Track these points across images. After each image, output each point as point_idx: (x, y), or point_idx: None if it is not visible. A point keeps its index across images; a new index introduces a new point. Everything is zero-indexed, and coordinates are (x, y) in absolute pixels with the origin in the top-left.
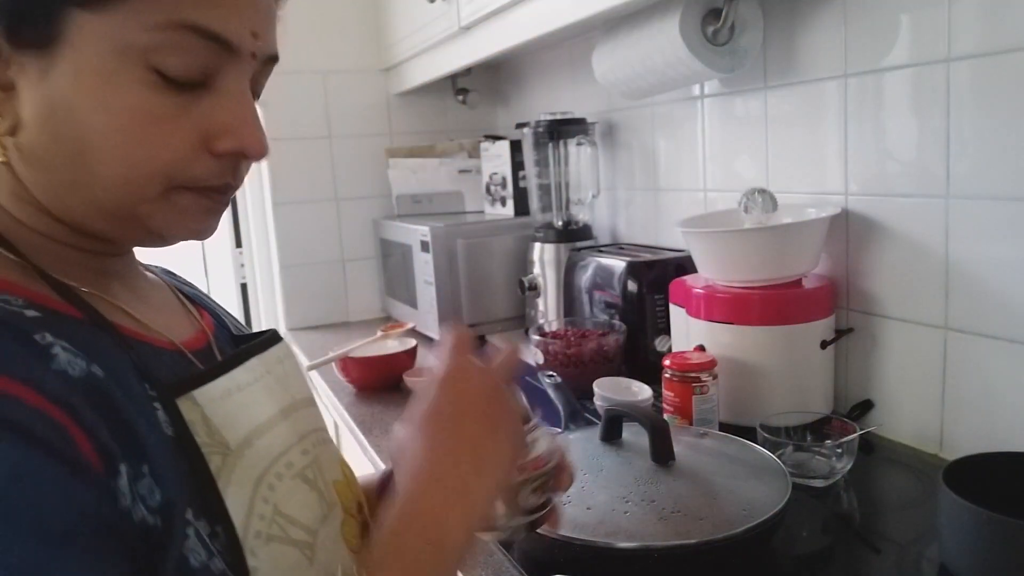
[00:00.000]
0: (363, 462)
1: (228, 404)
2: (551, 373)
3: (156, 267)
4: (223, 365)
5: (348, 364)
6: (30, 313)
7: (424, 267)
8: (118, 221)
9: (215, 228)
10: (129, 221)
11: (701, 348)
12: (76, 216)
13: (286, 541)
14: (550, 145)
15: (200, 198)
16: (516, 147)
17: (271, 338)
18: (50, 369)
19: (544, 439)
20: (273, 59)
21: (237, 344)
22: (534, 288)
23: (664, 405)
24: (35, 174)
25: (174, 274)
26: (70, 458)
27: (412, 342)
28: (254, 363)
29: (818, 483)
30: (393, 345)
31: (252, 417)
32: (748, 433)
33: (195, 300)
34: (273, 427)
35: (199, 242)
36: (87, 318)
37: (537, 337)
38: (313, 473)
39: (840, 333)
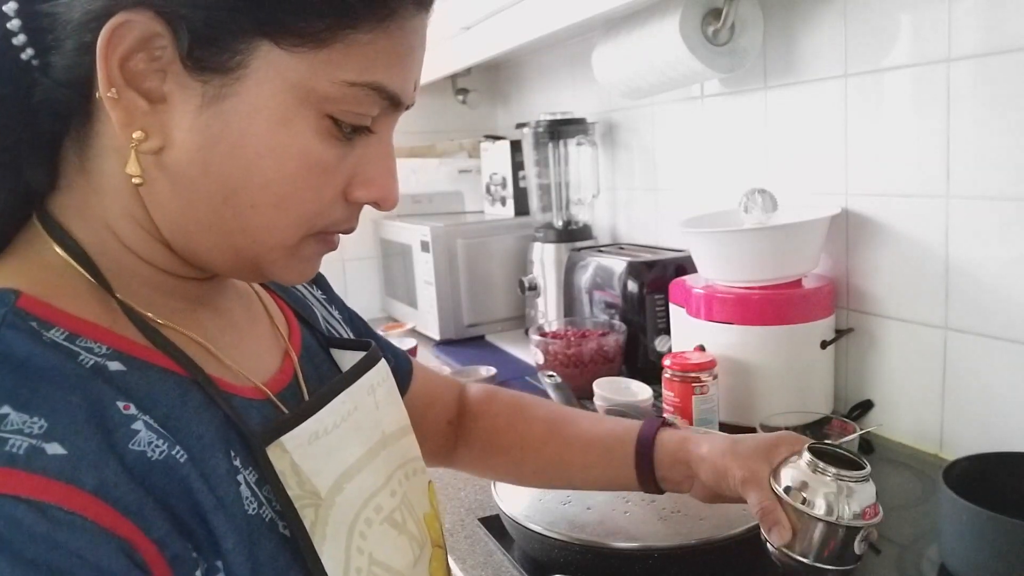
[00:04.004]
0: None
1: (316, 448)
2: (551, 373)
3: None
4: (310, 407)
5: None
6: (114, 366)
7: (424, 267)
8: (239, 263)
9: (319, 268)
10: (250, 263)
11: (701, 348)
12: (196, 252)
13: None
14: (550, 145)
15: (321, 245)
16: (516, 147)
17: (365, 361)
18: (128, 452)
19: (873, 489)
20: None
21: (327, 350)
22: (534, 288)
23: (664, 405)
24: (168, 201)
25: None
26: None
27: (412, 342)
28: (342, 399)
29: None
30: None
31: (340, 461)
32: (748, 433)
33: (282, 295)
34: (362, 469)
35: None
36: (176, 366)
37: (537, 337)
38: (402, 515)
39: (840, 333)
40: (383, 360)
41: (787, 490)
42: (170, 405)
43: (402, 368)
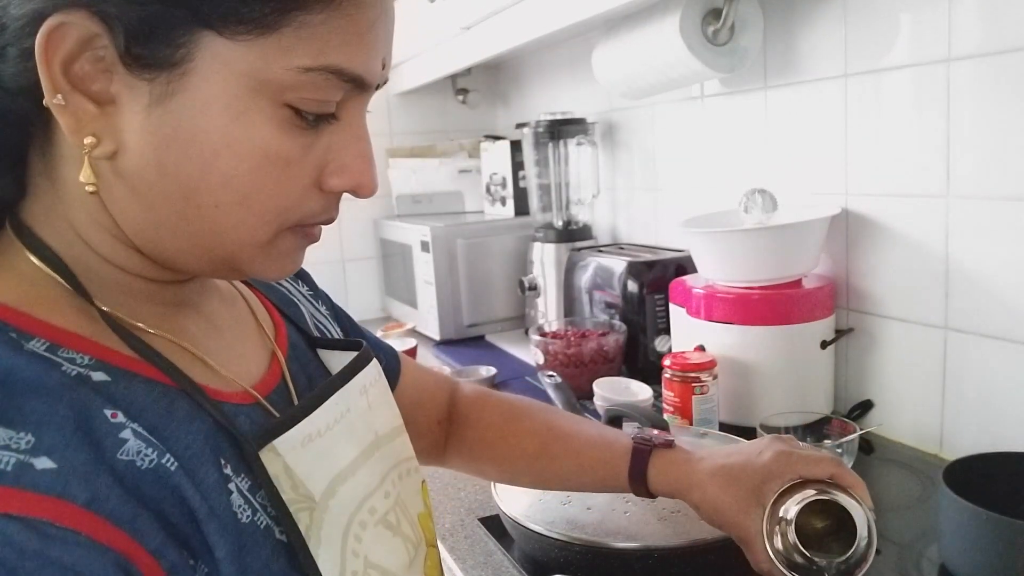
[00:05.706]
0: None
1: (309, 451)
2: (551, 373)
3: None
4: (302, 409)
5: None
6: (98, 376)
7: (424, 267)
8: (214, 263)
9: (302, 261)
10: (225, 262)
11: (701, 348)
12: (166, 254)
13: None
14: (550, 145)
15: (300, 238)
16: (516, 147)
17: (357, 361)
18: (118, 462)
19: (864, 540)
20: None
21: (314, 349)
22: (534, 288)
23: (664, 405)
24: (129, 206)
25: None
26: None
27: (412, 342)
28: (335, 401)
29: None
30: (393, 345)
31: (334, 463)
32: (748, 433)
33: (267, 293)
34: (355, 471)
35: None
36: (161, 375)
37: (537, 337)
38: (396, 517)
39: (840, 333)
40: (375, 360)
41: (780, 561)
42: (157, 415)
43: (390, 366)
